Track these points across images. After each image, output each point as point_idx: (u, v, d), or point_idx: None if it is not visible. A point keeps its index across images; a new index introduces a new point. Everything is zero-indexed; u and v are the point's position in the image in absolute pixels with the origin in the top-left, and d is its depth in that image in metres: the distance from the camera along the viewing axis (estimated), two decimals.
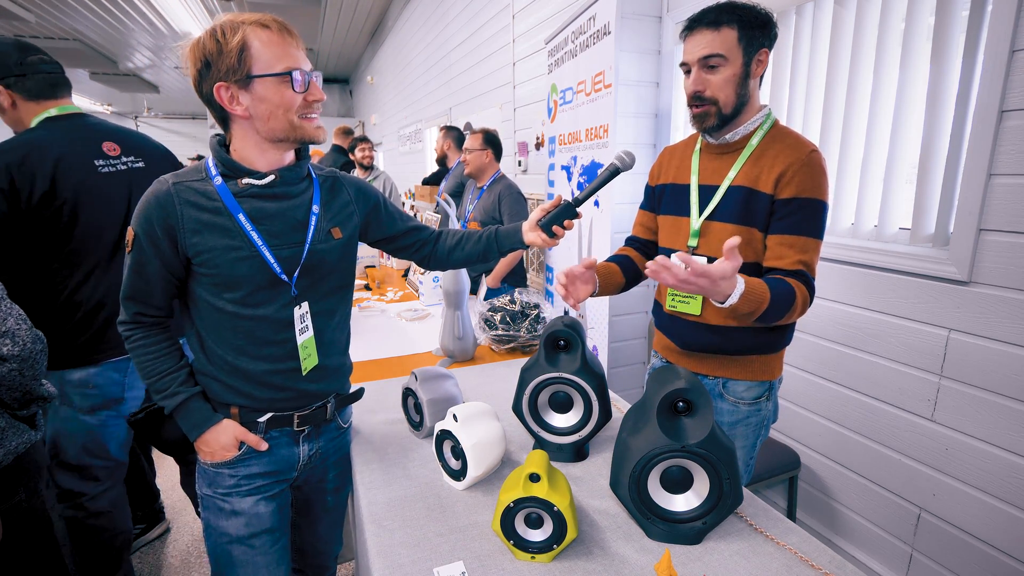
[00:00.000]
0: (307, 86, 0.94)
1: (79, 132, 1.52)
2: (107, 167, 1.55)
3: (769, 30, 1.10)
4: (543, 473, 0.86)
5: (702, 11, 1.11)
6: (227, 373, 1.01)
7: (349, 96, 12.70)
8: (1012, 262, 1.21)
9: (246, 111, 0.92)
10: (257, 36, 0.89)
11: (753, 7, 1.10)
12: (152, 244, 0.93)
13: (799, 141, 1.10)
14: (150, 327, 1.01)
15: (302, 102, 0.94)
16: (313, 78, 0.95)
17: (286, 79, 0.91)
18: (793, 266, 1.07)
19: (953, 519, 1.38)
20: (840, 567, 0.84)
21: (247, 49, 0.88)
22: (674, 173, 1.27)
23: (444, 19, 4.88)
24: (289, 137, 0.95)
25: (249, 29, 0.89)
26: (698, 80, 1.12)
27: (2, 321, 1.04)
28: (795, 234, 1.07)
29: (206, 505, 1.07)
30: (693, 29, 1.12)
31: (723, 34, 1.08)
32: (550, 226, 1.13)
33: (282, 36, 0.91)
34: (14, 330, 1.06)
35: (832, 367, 1.67)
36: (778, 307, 1.01)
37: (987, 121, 1.22)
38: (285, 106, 0.92)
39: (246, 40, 0.88)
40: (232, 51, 0.87)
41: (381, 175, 4.50)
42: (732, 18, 1.08)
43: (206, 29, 0.91)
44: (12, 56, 1.44)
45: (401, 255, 1.28)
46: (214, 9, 6.60)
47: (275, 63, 0.90)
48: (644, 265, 1.36)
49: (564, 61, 2.49)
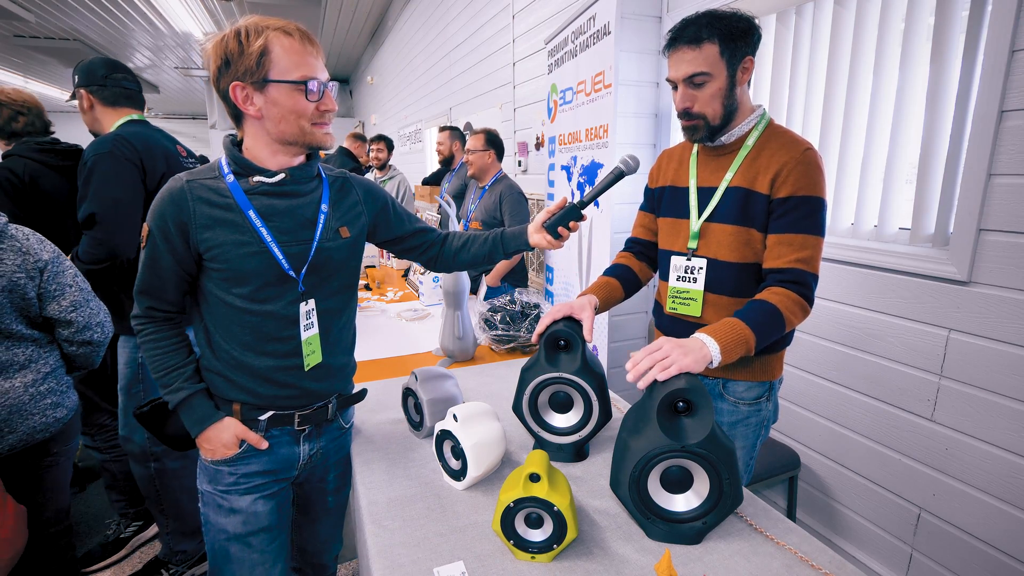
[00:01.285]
0: (321, 95, 0.96)
1: (161, 134, 1.83)
2: (186, 163, 1.86)
3: (751, 37, 1.09)
4: (543, 473, 0.86)
5: (682, 25, 1.10)
6: (232, 369, 1.02)
7: (349, 96, 12.70)
8: (1012, 262, 1.21)
9: (259, 112, 0.94)
10: (279, 42, 0.91)
11: (732, 15, 1.08)
12: (165, 240, 0.95)
13: (793, 140, 1.10)
14: (161, 322, 1.03)
15: (314, 110, 0.96)
16: (328, 88, 0.97)
17: (300, 87, 0.93)
18: (789, 264, 1.06)
19: (953, 519, 1.38)
20: (840, 567, 0.84)
21: (267, 53, 0.90)
22: (673, 175, 1.28)
23: (444, 19, 4.88)
24: (298, 141, 0.98)
25: (272, 34, 0.91)
26: (685, 97, 1.12)
27: (95, 315, 1.33)
28: (792, 232, 1.07)
29: (206, 501, 1.08)
30: (675, 46, 1.11)
31: (705, 51, 1.07)
32: (555, 228, 1.14)
33: (303, 45, 0.93)
34: (103, 322, 1.36)
35: (832, 367, 1.67)
36: (767, 329, 1.00)
37: (987, 121, 1.22)
38: (297, 112, 0.94)
39: (268, 44, 0.90)
40: (253, 53, 0.89)
41: (397, 176, 4.35)
42: (712, 33, 1.06)
43: (231, 28, 0.92)
44: (99, 70, 1.74)
45: (408, 256, 1.29)
46: (214, 9, 6.61)
47: (293, 70, 0.92)
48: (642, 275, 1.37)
49: (564, 61, 2.49)
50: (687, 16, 1.11)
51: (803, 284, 1.06)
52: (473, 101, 4.41)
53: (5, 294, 1.20)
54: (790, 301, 1.03)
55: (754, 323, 1.00)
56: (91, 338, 1.34)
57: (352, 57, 10.20)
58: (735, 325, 0.99)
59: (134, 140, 1.66)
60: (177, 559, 1.90)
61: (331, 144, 1.03)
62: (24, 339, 1.28)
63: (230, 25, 0.93)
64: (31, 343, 1.29)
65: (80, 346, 1.35)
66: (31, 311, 1.26)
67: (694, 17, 1.09)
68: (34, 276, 1.24)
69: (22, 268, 1.22)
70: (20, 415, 1.26)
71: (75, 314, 1.29)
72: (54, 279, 1.27)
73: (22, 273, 1.22)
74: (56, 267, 1.28)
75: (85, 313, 1.31)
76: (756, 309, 1.03)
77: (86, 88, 1.73)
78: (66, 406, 1.35)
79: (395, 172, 4.38)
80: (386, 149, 4.36)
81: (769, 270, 1.09)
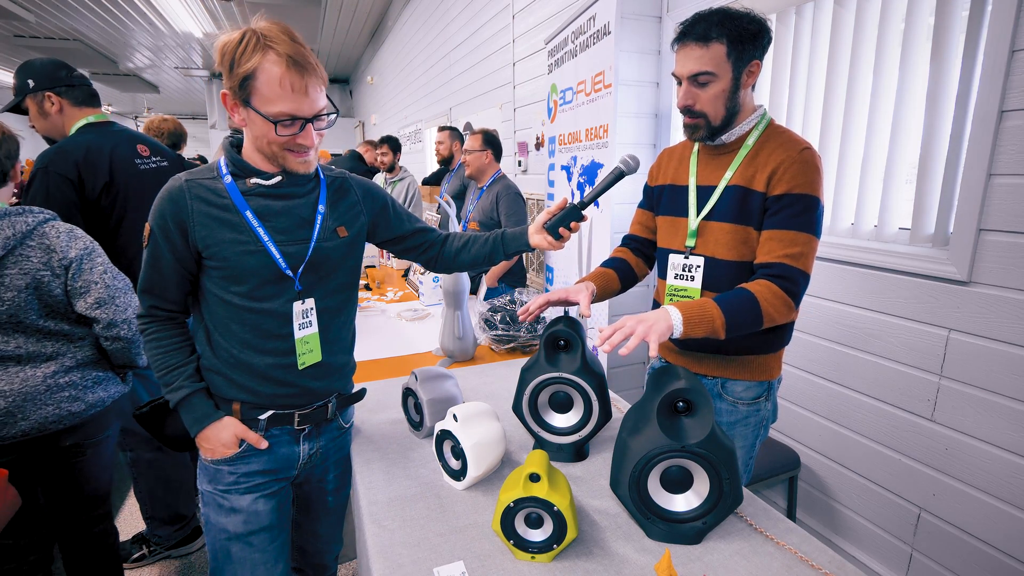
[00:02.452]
0: (300, 130, 0.93)
1: (118, 136, 1.79)
2: (144, 165, 1.83)
3: (760, 40, 1.08)
4: (543, 473, 0.86)
5: (693, 20, 1.09)
6: (232, 367, 1.03)
7: (349, 96, 12.71)
8: (1012, 262, 1.21)
9: (243, 122, 0.95)
10: (268, 71, 0.88)
11: (744, 16, 1.07)
12: (166, 238, 0.96)
13: (792, 139, 1.10)
14: (164, 321, 1.04)
15: (289, 140, 0.94)
16: (310, 125, 0.94)
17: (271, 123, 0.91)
18: (776, 259, 1.05)
19: (953, 519, 1.38)
20: (840, 567, 0.84)
21: (252, 79, 0.88)
22: (673, 174, 1.28)
23: (444, 19, 4.88)
24: (273, 162, 0.98)
25: (267, 59, 0.87)
26: (688, 95, 1.12)
27: (122, 311, 1.36)
28: (783, 228, 1.06)
29: (206, 501, 1.08)
30: (683, 42, 1.10)
31: (712, 50, 1.07)
32: (556, 229, 1.14)
33: (292, 77, 0.88)
34: (131, 319, 1.37)
35: (832, 367, 1.67)
36: (739, 316, 1.01)
37: (987, 121, 1.22)
38: (269, 140, 0.94)
39: (256, 70, 0.88)
40: (239, 75, 0.89)
41: (407, 178, 4.23)
42: (722, 32, 1.06)
43: (240, 31, 0.90)
44: (60, 71, 1.71)
45: (408, 256, 1.29)
46: (214, 9, 6.61)
47: (270, 104, 0.89)
48: (638, 270, 1.38)
49: (564, 61, 2.49)
50: (700, 11, 1.10)
51: (788, 279, 1.04)
52: (473, 101, 4.41)
53: (31, 291, 1.24)
54: (770, 293, 1.03)
55: (726, 306, 1.00)
56: (119, 334, 1.36)
57: (352, 57, 10.20)
58: (704, 304, 1.01)
59: (76, 151, 1.65)
60: (156, 540, 1.99)
61: (306, 171, 1.00)
62: (53, 334, 1.32)
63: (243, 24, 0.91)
64: (61, 337, 1.34)
65: (112, 341, 1.37)
66: (60, 307, 1.30)
67: (706, 13, 1.09)
68: (59, 274, 1.27)
69: (47, 266, 1.26)
70: (33, 404, 1.29)
71: (100, 311, 1.32)
72: (79, 276, 1.30)
73: (47, 271, 1.25)
74: (83, 264, 1.30)
75: (110, 310, 1.33)
76: (732, 294, 1.03)
77: (52, 90, 1.69)
78: (87, 401, 1.37)
79: (405, 174, 4.26)
80: (391, 151, 4.25)
81: (758, 265, 1.10)
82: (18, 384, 1.27)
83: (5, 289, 1.21)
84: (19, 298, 1.23)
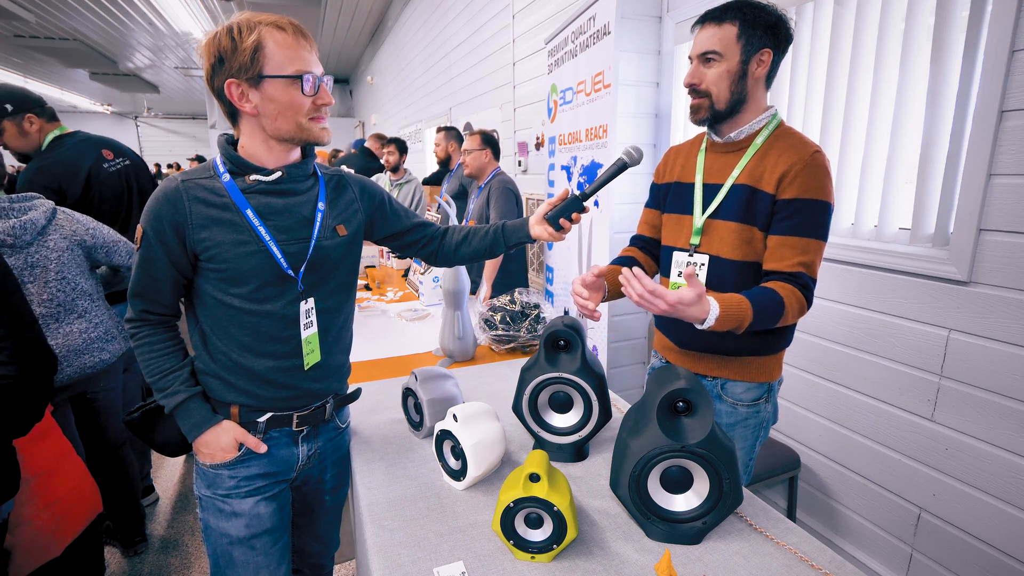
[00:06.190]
0: (316, 90, 0.95)
1: (86, 145, 2.13)
2: (111, 167, 2.16)
3: (777, 32, 1.10)
4: (543, 473, 0.86)
5: (717, 6, 1.13)
6: (230, 371, 1.01)
7: (349, 96, 12.71)
8: (1012, 262, 1.21)
9: (255, 109, 0.94)
10: (272, 37, 0.90)
11: (765, 7, 1.10)
12: (160, 241, 0.94)
13: (803, 141, 1.10)
14: (156, 325, 1.02)
15: (310, 105, 0.95)
16: (324, 82, 0.97)
17: (296, 82, 0.92)
18: (792, 268, 1.06)
19: (953, 519, 1.38)
20: (840, 567, 0.84)
21: (261, 49, 0.90)
22: (679, 172, 1.28)
23: (444, 19, 4.88)
24: (295, 137, 0.97)
25: (265, 30, 0.90)
26: (694, 73, 1.15)
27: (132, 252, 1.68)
28: (796, 235, 1.07)
29: (205, 506, 1.07)
30: (703, 23, 1.14)
31: (723, 30, 1.10)
32: (557, 220, 1.13)
33: (296, 39, 0.93)
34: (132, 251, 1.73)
35: (832, 367, 1.67)
36: (764, 318, 1.01)
37: (987, 121, 1.22)
38: (294, 108, 0.94)
39: (261, 40, 0.90)
40: (246, 50, 0.89)
41: (413, 181, 4.16)
42: (736, 15, 1.09)
43: (223, 25, 0.92)
44: (29, 95, 2.04)
45: (408, 252, 1.29)
46: (214, 9, 6.61)
47: (287, 65, 0.91)
48: (648, 269, 1.37)
49: (564, 61, 2.49)
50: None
51: (809, 289, 1.07)
52: (473, 101, 4.41)
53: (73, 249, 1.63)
54: (795, 299, 1.04)
55: (758, 308, 1.01)
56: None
57: (352, 57, 10.20)
58: (741, 303, 1.00)
59: (55, 167, 1.99)
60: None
61: (328, 139, 1.02)
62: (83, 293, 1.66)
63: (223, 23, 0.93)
64: (87, 297, 1.68)
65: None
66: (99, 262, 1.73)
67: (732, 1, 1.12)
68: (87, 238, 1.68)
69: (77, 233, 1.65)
70: (76, 353, 1.65)
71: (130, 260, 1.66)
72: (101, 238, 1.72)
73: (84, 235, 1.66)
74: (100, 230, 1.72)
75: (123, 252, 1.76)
76: (765, 296, 1.03)
77: (31, 113, 2.01)
78: (110, 351, 1.74)
79: (410, 177, 4.20)
80: (397, 152, 4.23)
81: (772, 271, 1.09)
82: (60, 339, 1.61)
83: (50, 251, 1.57)
84: (64, 256, 1.59)
